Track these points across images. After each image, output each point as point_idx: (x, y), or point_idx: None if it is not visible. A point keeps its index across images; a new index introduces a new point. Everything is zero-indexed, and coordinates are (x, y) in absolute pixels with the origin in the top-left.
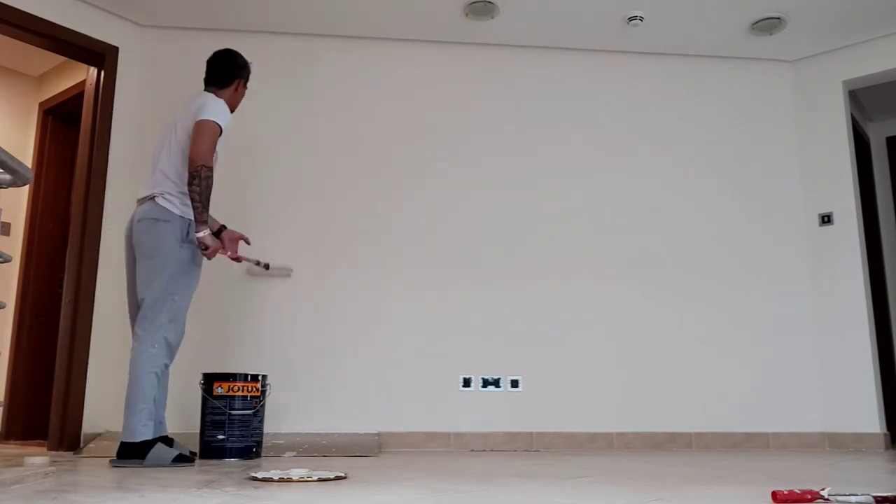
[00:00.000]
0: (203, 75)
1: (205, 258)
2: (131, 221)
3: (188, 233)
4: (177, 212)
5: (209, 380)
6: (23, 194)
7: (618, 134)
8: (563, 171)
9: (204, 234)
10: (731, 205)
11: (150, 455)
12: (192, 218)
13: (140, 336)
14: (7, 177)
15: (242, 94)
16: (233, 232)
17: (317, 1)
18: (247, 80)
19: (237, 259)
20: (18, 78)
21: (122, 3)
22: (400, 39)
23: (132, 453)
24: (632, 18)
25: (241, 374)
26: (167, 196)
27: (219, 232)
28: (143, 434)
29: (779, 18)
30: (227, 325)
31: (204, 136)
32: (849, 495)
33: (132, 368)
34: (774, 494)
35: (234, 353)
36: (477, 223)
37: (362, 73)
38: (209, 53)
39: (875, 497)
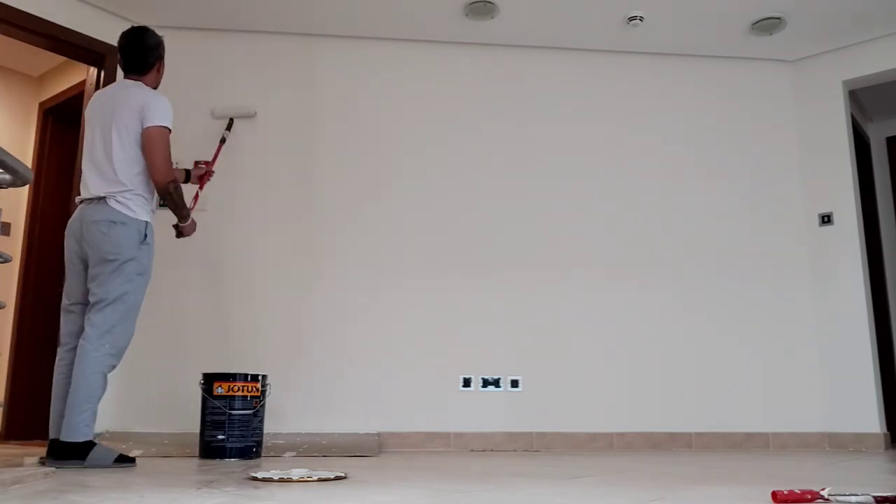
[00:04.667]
0: (201, 75)
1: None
2: (80, 221)
3: (146, 235)
4: (133, 215)
5: (209, 380)
6: (23, 194)
7: (618, 134)
8: (563, 171)
9: (187, 223)
10: (730, 205)
11: (90, 455)
12: (148, 220)
13: (90, 336)
14: (7, 177)
15: (163, 73)
16: (198, 169)
17: (317, 1)
18: (164, 56)
19: (209, 174)
20: (18, 78)
21: (122, 3)
22: (400, 39)
23: (71, 454)
24: (632, 18)
25: (241, 374)
26: (119, 199)
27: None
28: (86, 434)
29: (779, 18)
30: (226, 325)
31: (161, 150)
32: (849, 495)
33: (79, 367)
34: (774, 494)
35: (234, 353)
36: (477, 223)
37: (362, 73)
38: (209, 53)
39: (875, 497)
